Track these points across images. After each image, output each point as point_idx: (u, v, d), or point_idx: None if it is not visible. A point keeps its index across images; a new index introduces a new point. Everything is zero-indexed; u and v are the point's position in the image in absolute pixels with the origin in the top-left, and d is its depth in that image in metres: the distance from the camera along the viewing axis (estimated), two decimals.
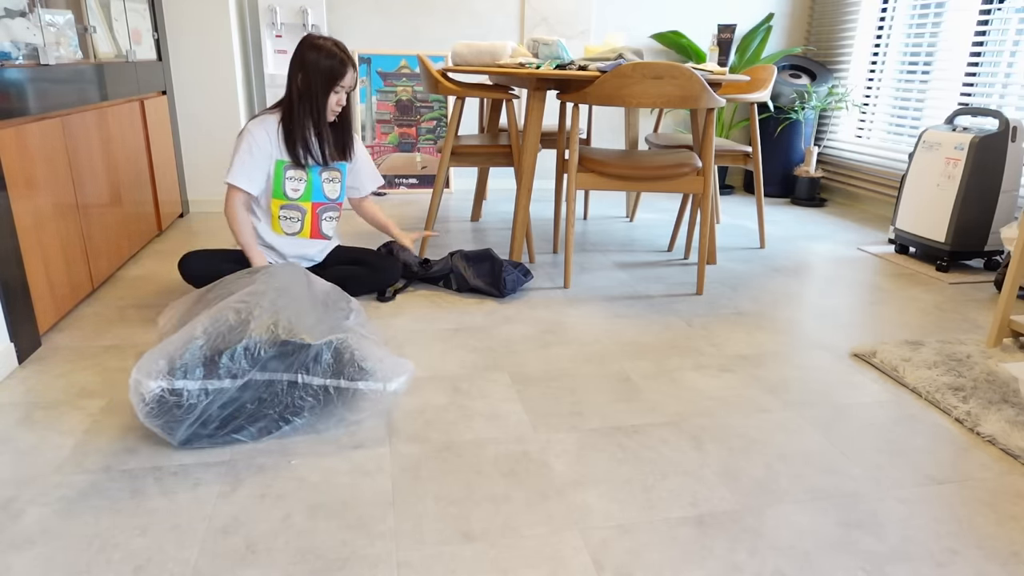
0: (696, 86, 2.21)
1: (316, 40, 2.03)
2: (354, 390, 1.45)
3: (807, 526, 1.22)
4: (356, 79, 2.11)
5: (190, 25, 3.10)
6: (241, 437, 1.41)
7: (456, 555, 1.12)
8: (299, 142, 2.07)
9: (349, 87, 2.08)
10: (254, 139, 2.04)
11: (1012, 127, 2.65)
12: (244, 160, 2.04)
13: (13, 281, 1.70)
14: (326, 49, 2.02)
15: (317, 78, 2.02)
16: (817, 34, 4.32)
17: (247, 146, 2.04)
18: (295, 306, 1.50)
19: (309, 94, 2.03)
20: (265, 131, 2.05)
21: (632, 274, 2.62)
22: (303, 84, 2.02)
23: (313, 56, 2.01)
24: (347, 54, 2.05)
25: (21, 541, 1.12)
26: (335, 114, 2.11)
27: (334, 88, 2.04)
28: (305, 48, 2.02)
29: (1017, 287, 1.97)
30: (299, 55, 2.02)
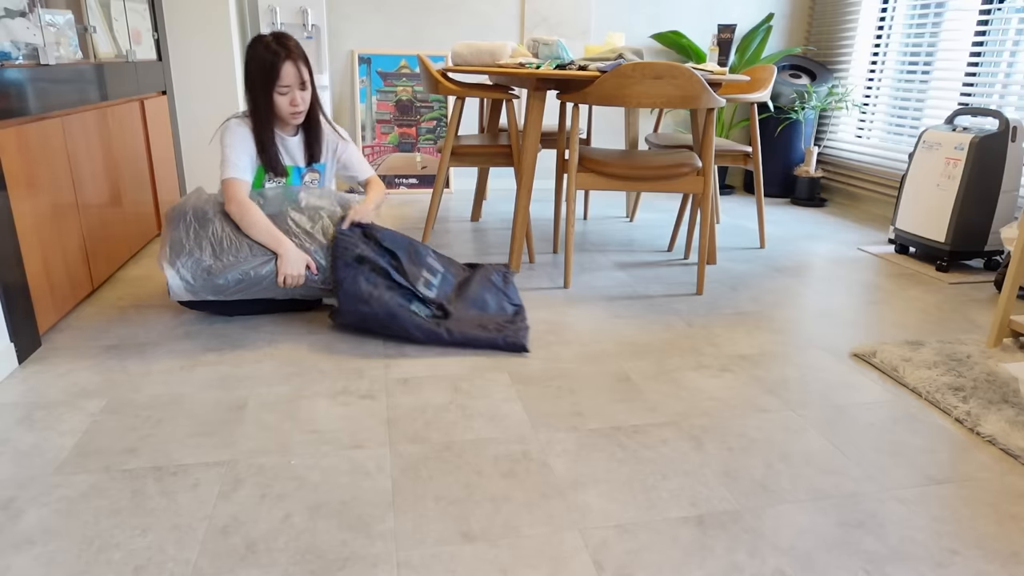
0: (696, 86, 2.21)
1: (258, 37, 1.91)
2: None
3: (807, 526, 1.22)
4: (302, 74, 1.94)
5: (190, 25, 3.10)
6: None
7: (456, 555, 1.12)
8: (265, 148, 1.98)
9: (294, 84, 1.93)
10: (239, 133, 1.96)
11: (1012, 127, 2.65)
12: (237, 152, 1.95)
13: (13, 281, 1.70)
14: (262, 44, 1.88)
15: (257, 77, 1.90)
16: (817, 34, 4.32)
17: (236, 139, 1.95)
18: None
19: (253, 97, 1.93)
20: (244, 129, 1.98)
21: (632, 274, 2.62)
22: (248, 87, 1.93)
23: (250, 54, 1.89)
24: (287, 47, 1.89)
25: (21, 541, 1.12)
26: (295, 116, 1.98)
27: (275, 87, 1.91)
28: (248, 47, 1.92)
29: (1017, 287, 1.97)
30: (245, 55, 1.92)
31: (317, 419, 1.52)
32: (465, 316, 2.02)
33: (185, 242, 1.88)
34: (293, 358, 1.81)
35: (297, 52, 1.92)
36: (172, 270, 1.85)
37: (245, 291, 1.93)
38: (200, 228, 1.90)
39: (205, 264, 1.87)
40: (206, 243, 1.89)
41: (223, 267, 1.87)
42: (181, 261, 1.86)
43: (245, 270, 1.89)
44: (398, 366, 1.79)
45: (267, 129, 1.99)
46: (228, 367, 1.75)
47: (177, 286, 1.86)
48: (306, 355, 1.83)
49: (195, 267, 1.86)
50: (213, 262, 1.87)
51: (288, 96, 1.95)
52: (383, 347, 1.90)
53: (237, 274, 1.88)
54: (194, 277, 1.86)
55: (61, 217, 1.96)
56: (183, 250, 1.87)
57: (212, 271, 1.87)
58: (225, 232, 1.92)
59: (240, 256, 1.90)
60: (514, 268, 2.58)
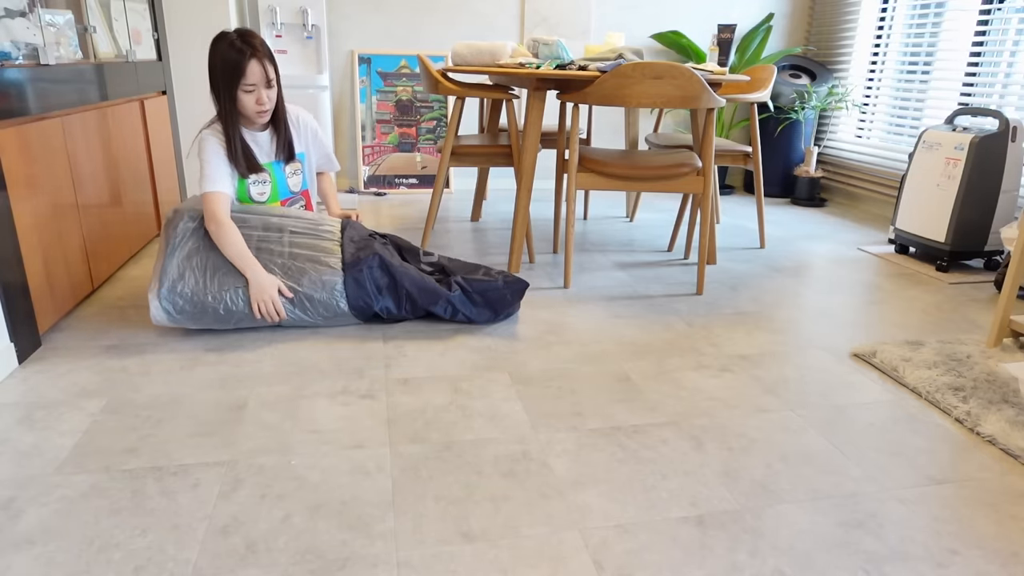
0: (696, 86, 2.21)
1: (222, 34, 1.86)
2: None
3: (807, 526, 1.22)
4: (268, 73, 1.90)
5: (190, 25, 3.10)
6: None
7: (456, 555, 1.12)
8: (235, 149, 1.95)
9: (260, 82, 1.89)
10: (213, 147, 1.93)
11: (1012, 127, 2.65)
12: (216, 164, 1.91)
13: (13, 281, 1.70)
14: (226, 41, 1.85)
15: (222, 77, 1.87)
16: (817, 34, 4.32)
17: (213, 150, 1.92)
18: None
19: (218, 96, 1.90)
20: (217, 139, 1.94)
21: (632, 274, 2.62)
22: (212, 84, 1.90)
23: (214, 51, 1.85)
24: (253, 45, 1.86)
25: (21, 541, 1.12)
26: (260, 114, 1.95)
27: (240, 86, 1.87)
28: (211, 45, 1.87)
29: (1017, 287, 1.97)
30: (208, 53, 1.87)
31: (317, 419, 1.52)
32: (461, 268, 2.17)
33: (168, 270, 1.85)
34: (293, 358, 1.81)
35: (263, 50, 1.90)
36: (155, 300, 1.83)
37: (237, 324, 1.92)
38: (186, 255, 1.88)
39: (187, 296, 1.84)
40: (189, 273, 1.86)
41: (207, 298, 1.85)
42: (163, 290, 1.83)
43: (228, 307, 1.87)
44: (398, 366, 1.79)
45: (234, 128, 1.95)
46: (228, 367, 1.75)
47: (160, 317, 1.85)
48: (306, 355, 1.83)
49: (178, 298, 1.84)
50: (198, 295, 1.85)
51: (254, 94, 1.91)
52: (383, 347, 1.90)
53: (219, 308, 1.87)
54: (179, 311, 1.85)
55: (61, 217, 1.96)
56: (166, 278, 1.84)
57: (195, 303, 1.85)
58: (211, 259, 1.89)
59: (226, 283, 1.87)
60: (514, 268, 2.58)
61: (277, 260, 1.95)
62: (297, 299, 1.92)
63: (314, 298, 1.93)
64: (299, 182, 2.16)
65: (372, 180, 3.95)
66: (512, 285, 2.07)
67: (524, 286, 2.08)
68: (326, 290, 1.94)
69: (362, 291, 1.95)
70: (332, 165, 2.31)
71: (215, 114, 1.98)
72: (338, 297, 1.94)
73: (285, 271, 1.93)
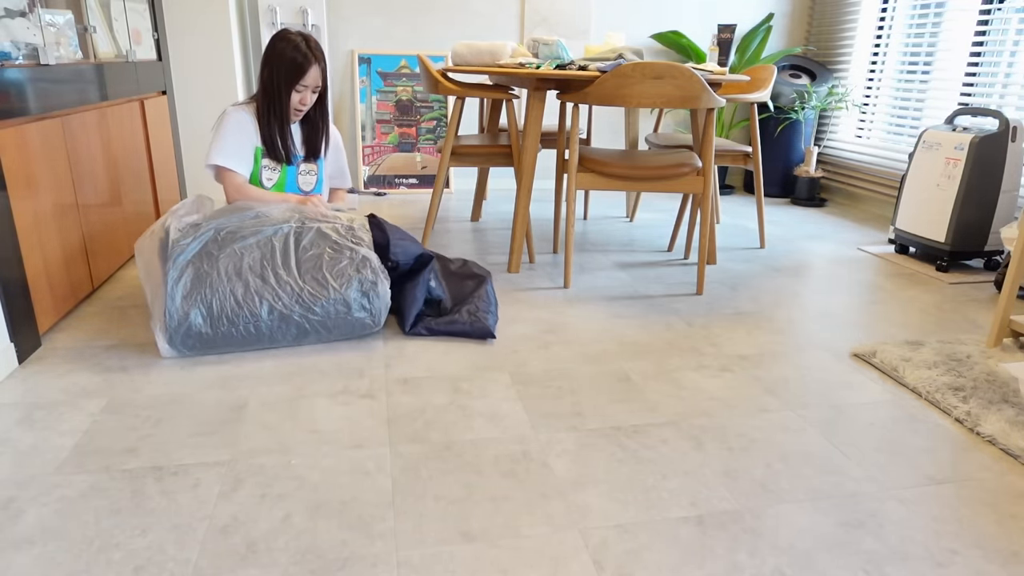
0: (696, 86, 2.21)
1: (286, 33, 1.98)
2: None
3: (807, 526, 1.22)
4: (321, 78, 2.03)
5: (190, 25, 3.10)
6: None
7: (456, 555, 1.12)
8: (268, 136, 2.04)
9: (313, 86, 2.02)
10: (238, 120, 2.00)
11: (1012, 127, 2.65)
12: (232, 140, 1.99)
13: (13, 281, 1.70)
14: (292, 43, 1.96)
15: (279, 73, 1.97)
16: (817, 34, 4.32)
17: (233, 126, 2.00)
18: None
19: (272, 89, 1.99)
20: (247, 116, 2.03)
21: (632, 274, 2.62)
22: (267, 78, 1.99)
23: (279, 48, 1.96)
24: (314, 50, 1.98)
25: (21, 541, 1.12)
26: (297, 113, 2.06)
27: (295, 86, 1.99)
28: (274, 41, 1.97)
29: (1017, 287, 1.97)
30: (268, 47, 1.97)
31: (317, 419, 1.52)
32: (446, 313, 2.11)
33: (172, 310, 1.73)
34: (293, 358, 1.81)
35: (321, 56, 2.02)
36: (163, 338, 1.76)
37: (249, 348, 1.85)
38: (185, 293, 1.74)
39: (196, 333, 1.75)
40: (195, 311, 1.74)
41: (219, 331, 1.76)
42: (170, 332, 1.74)
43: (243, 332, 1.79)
44: (398, 366, 1.79)
45: (282, 121, 2.04)
46: (228, 367, 1.75)
47: (167, 352, 1.78)
48: (306, 355, 1.83)
49: (188, 337, 1.75)
50: (208, 329, 1.75)
51: (301, 95, 2.02)
52: (383, 347, 1.90)
53: (236, 333, 1.78)
54: (189, 348, 1.77)
55: (61, 217, 1.96)
56: (171, 320, 1.73)
57: (204, 338, 1.76)
58: (218, 292, 1.75)
59: (238, 314, 1.76)
60: (514, 268, 2.58)
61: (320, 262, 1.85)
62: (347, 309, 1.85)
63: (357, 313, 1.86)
64: (311, 182, 2.18)
65: (372, 180, 3.95)
66: (477, 328, 1.97)
67: (487, 334, 1.97)
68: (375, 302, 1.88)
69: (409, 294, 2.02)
70: (344, 180, 2.35)
71: (250, 97, 2.09)
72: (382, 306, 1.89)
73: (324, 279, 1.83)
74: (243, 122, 2.02)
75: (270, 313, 1.78)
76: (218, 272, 1.77)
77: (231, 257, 1.79)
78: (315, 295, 1.81)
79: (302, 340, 1.87)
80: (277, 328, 1.81)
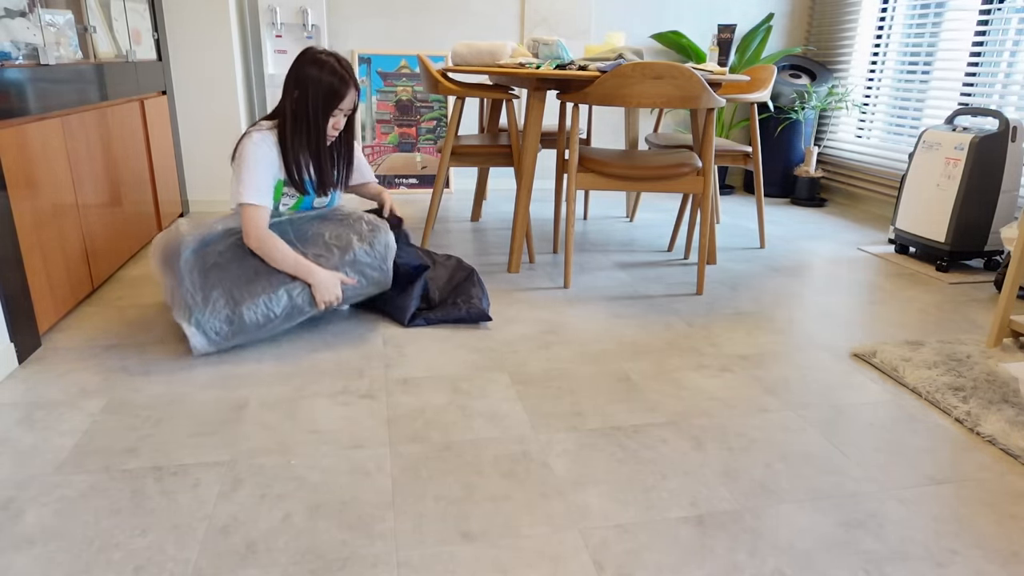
0: (696, 86, 2.21)
1: (318, 55, 1.86)
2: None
3: (807, 526, 1.22)
4: (357, 101, 1.94)
5: (190, 25, 3.10)
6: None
7: (456, 555, 1.12)
8: (294, 165, 1.91)
9: (348, 109, 1.93)
10: (265, 154, 1.87)
11: (1012, 127, 2.65)
12: (261, 174, 1.86)
13: (13, 281, 1.70)
14: (328, 66, 1.85)
15: (316, 98, 1.85)
16: (817, 34, 4.32)
17: (262, 160, 1.86)
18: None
19: (305, 114, 1.87)
20: (270, 148, 1.89)
21: (632, 274, 2.62)
22: (300, 103, 1.86)
23: (313, 73, 1.84)
24: (350, 73, 1.89)
25: (21, 541, 1.12)
26: (331, 139, 1.96)
27: (332, 110, 1.89)
28: (305, 63, 1.85)
29: (1017, 287, 1.97)
30: (297, 70, 1.85)
31: (317, 419, 1.52)
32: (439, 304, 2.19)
33: (194, 296, 1.77)
34: (293, 358, 1.81)
35: (356, 80, 1.93)
36: (192, 327, 1.76)
37: (274, 329, 1.87)
38: (202, 276, 1.79)
39: (222, 315, 1.78)
40: (216, 292, 1.79)
41: (242, 325, 1.80)
42: (196, 316, 1.77)
43: (266, 313, 1.82)
44: (398, 366, 1.79)
45: (317, 148, 1.93)
46: (228, 367, 1.75)
47: (201, 344, 1.77)
48: (306, 355, 1.83)
49: (214, 319, 1.78)
50: (231, 310, 1.79)
51: (335, 120, 1.93)
52: (383, 347, 1.90)
53: (258, 316, 1.82)
54: (217, 332, 1.78)
55: (61, 217, 1.96)
56: (195, 304, 1.77)
57: (232, 320, 1.79)
58: (230, 272, 1.82)
59: (255, 292, 1.82)
60: (514, 268, 2.58)
61: (320, 240, 1.95)
62: (354, 267, 1.94)
63: (364, 262, 1.96)
64: (325, 200, 2.09)
65: None
66: (473, 313, 2.08)
67: (484, 316, 2.08)
68: (377, 247, 1.98)
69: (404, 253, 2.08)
70: (368, 175, 2.23)
71: (268, 118, 1.94)
72: (387, 254, 1.99)
73: (328, 247, 1.94)
74: (269, 155, 1.88)
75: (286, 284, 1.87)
76: (227, 259, 1.85)
77: (234, 247, 1.89)
78: (320, 255, 1.93)
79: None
80: (298, 297, 1.87)
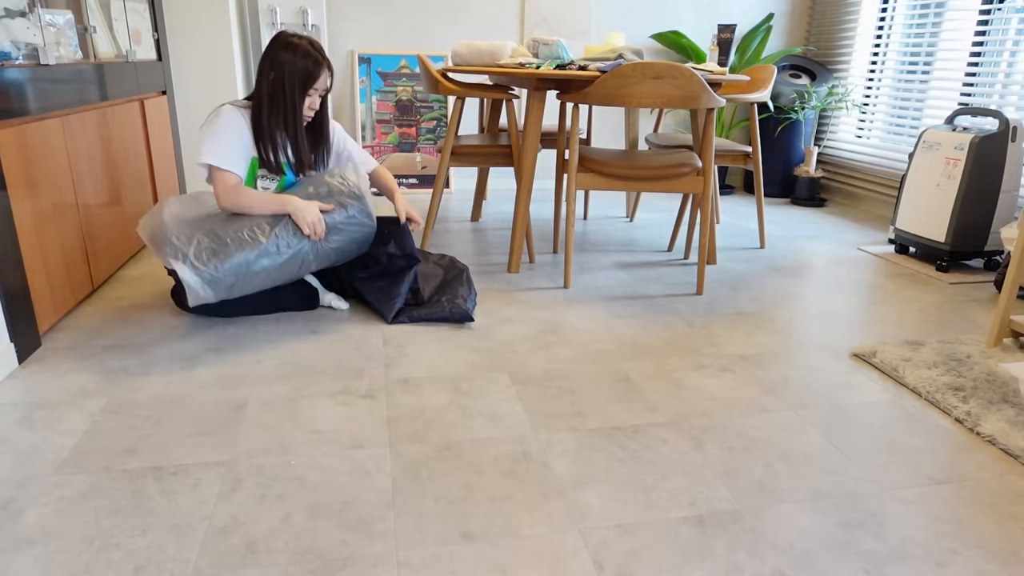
0: (696, 86, 2.21)
1: (290, 38, 1.92)
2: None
3: (807, 526, 1.22)
4: (331, 81, 2.00)
5: (190, 25, 3.10)
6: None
7: (456, 555, 1.12)
8: (268, 146, 1.96)
9: (323, 90, 1.98)
10: (235, 120, 1.92)
11: (1012, 127, 2.65)
12: (230, 142, 1.91)
13: (13, 281, 1.70)
14: (301, 48, 1.91)
15: (291, 79, 1.91)
16: (817, 34, 4.32)
17: (230, 125, 1.91)
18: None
19: (281, 96, 1.92)
20: (243, 123, 1.94)
21: (632, 274, 2.62)
22: (276, 84, 1.91)
23: (287, 56, 1.90)
24: (323, 54, 1.95)
25: (21, 541, 1.12)
26: (307, 120, 2.01)
27: (308, 91, 1.94)
28: (278, 47, 1.91)
29: (1017, 287, 1.97)
30: (271, 54, 1.91)
31: (317, 419, 1.52)
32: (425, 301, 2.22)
33: (179, 238, 1.84)
34: (293, 358, 1.81)
35: (329, 62, 1.99)
36: (179, 263, 1.80)
37: (266, 272, 1.91)
38: (188, 226, 1.88)
39: (206, 244, 1.84)
40: (200, 233, 1.86)
41: (227, 250, 1.84)
42: (182, 252, 1.82)
43: (252, 236, 1.87)
44: (398, 366, 1.79)
45: (293, 129, 1.98)
46: (228, 367, 1.75)
47: (195, 281, 1.80)
48: (306, 355, 1.83)
49: (201, 252, 1.83)
50: (217, 246, 1.85)
51: (311, 100, 1.99)
52: (383, 347, 1.90)
53: (244, 235, 1.86)
54: (204, 263, 1.82)
55: (61, 217, 1.96)
56: (181, 243, 1.83)
57: (218, 254, 1.83)
58: (214, 223, 1.89)
59: (239, 227, 1.88)
60: (514, 268, 2.58)
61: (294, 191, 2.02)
62: (330, 222, 1.97)
63: (339, 190, 2.00)
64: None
65: None
66: (456, 314, 2.08)
67: (466, 317, 2.08)
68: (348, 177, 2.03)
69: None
70: (369, 163, 2.26)
71: (245, 98, 2.01)
72: (359, 182, 2.04)
73: (302, 187, 2.02)
74: (240, 125, 1.93)
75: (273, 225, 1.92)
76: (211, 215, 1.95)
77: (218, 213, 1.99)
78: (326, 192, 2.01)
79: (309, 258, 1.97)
80: (283, 230, 1.91)
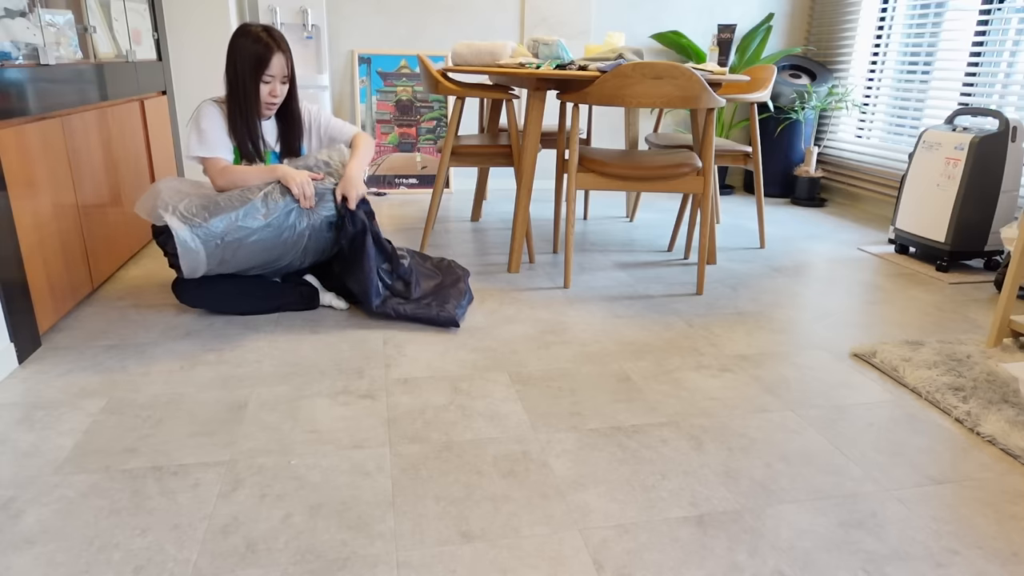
0: (696, 86, 2.21)
1: (248, 27, 1.96)
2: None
3: (807, 526, 1.22)
4: (287, 66, 2.01)
5: (190, 25, 3.10)
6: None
7: (456, 555, 1.12)
8: (241, 135, 2.03)
9: (279, 75, 2.00)
10: (215, 113, 2.01)
11: (1012, 127, 2.65)
12: (218, 133, 2.00)
13: (13, 281, 1.70)
14: (252, 34, 1.94)
15: (243, 66, 1.95)
16: (817, 34, 4.32)
17: (212, 118, 2.00)
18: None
19: (238, 83, 1.97)
20: (220, 116, 2.02)
21: (632, 274, 2.62)
22: (232, 75, 1.97)
23: (241, 42, 1.94)
24: (275, 39, 1.96)
25: (21, 541, 1.12)
26: (270, 106, 2.04)
27: (262, 76, 1.97)
28: (235, 36, 1.96)
29: (1017, 287, 1.97)
30: (229, 45, 1.96)
31: (317, 419, 1.52)
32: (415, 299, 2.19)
33: (172, 198, 1.87)
34: (293, 358, 1.81)
35: (285, 46, 2.00)
36: (173, 216, 1.82)
37: (258, 251, 1.92)
38: (179, 195, 1.91)
39: (197, 204, 1.86)
40: (193, 198, 1.89)
41: (218, 207, 1.87)
42: (172, 205, 1.85)
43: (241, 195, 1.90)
44: (398, 366, 1.79)
45: (250, 116, 2.03)
46: (228, 367, 1.75)
47: (184, 231, 1.81)
48: (306, 355, 1.83)
49: (191, 206, 1.85)
50: (208, 203, 1.87)
51: (269, 86, 2.00)
52: (383, 347, 1.90)
53: (232, 200, 1.89)
54: (194, 213, 1.85)
55: (61, 217, 1.96)
56: (171, 200, 1.86)
57: (208, 208, 1.86)
58: (208, 193, 1.94)
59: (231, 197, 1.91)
60: (514, 268, 2.58)
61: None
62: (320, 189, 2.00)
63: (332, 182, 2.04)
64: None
65: (372, 180, 3.95)
66: (443, 317, 2.05)
67: (451, 322, 2.05)
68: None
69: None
70: (346, 133, 2.24)
71: (222, 96, 2.06)
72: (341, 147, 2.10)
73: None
74: (217, 118, 2.02)
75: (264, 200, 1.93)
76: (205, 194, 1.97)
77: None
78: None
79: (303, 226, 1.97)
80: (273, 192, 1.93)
